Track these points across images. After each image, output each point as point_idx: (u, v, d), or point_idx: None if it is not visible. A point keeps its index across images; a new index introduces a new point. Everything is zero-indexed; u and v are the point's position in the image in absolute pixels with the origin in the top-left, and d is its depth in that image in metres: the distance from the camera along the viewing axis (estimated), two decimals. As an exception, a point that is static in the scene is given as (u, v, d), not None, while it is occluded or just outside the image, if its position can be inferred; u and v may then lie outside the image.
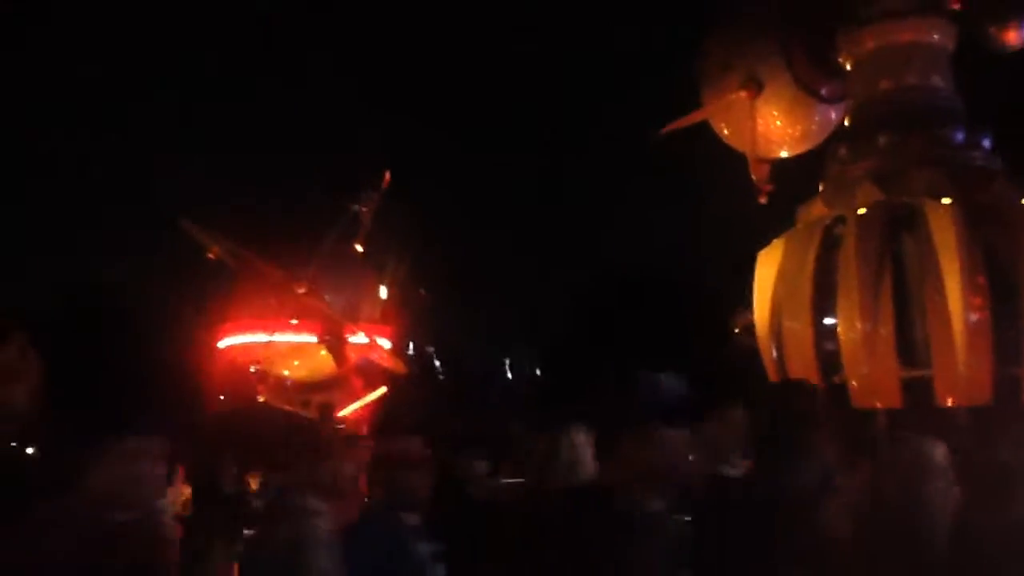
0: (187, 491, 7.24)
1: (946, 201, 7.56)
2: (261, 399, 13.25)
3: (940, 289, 7.23)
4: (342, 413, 13.34)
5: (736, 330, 9.00)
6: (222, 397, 14.44)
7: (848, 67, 8.95)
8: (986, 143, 8.27)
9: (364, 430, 13.46)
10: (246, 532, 4.71)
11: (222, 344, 14.01)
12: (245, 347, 13.93)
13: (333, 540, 3.11)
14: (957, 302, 7.14)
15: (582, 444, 4.13)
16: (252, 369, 13.65)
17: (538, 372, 26.80)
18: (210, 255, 13.36)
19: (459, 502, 4.65)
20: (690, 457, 3.75)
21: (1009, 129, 8.87)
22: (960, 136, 8.20)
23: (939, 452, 3.35)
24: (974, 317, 7.16)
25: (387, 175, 13.72)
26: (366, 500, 4.08)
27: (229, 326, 13.93)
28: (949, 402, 7.19)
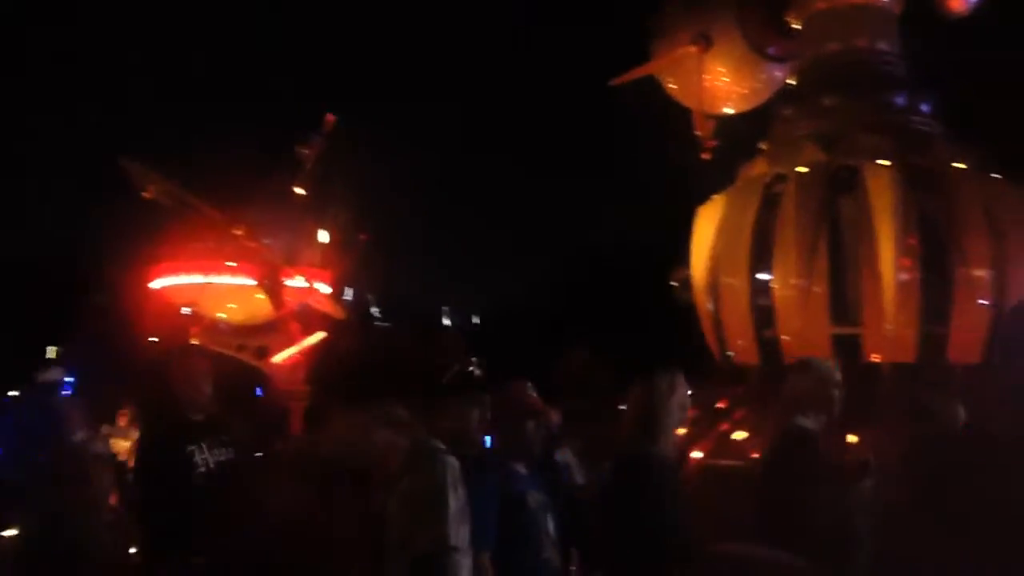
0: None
1: (885, 163, 7.68)
2: (194, 342, 13.02)
3: (873, 248, 7.37)
4: (278, 358, 13.19)
5: (674, 283, 9.08)
6: (155, 340, 14.15)
7: (797, 27, 9.00)
8: (926, 108, 8.41)
9: (300, 375, 13.33)
10: None
11: (155, 285, 13.70)
12: (180, 288, 13.63)
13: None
14: (888, 261, 7.29)
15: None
16: (186, 311, 13.38)
17: (475, 321, 26.82)
18: (146, 194, 12.99)
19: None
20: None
21: (949, 94, 9.02)
22: (903, 100, 8.34)
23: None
24: (903, 276, 7.33)
25: (330, 118, 13.45)
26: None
27: (164, 266, 13.60)
28: (876, 358, 7.37)
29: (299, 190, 13.65)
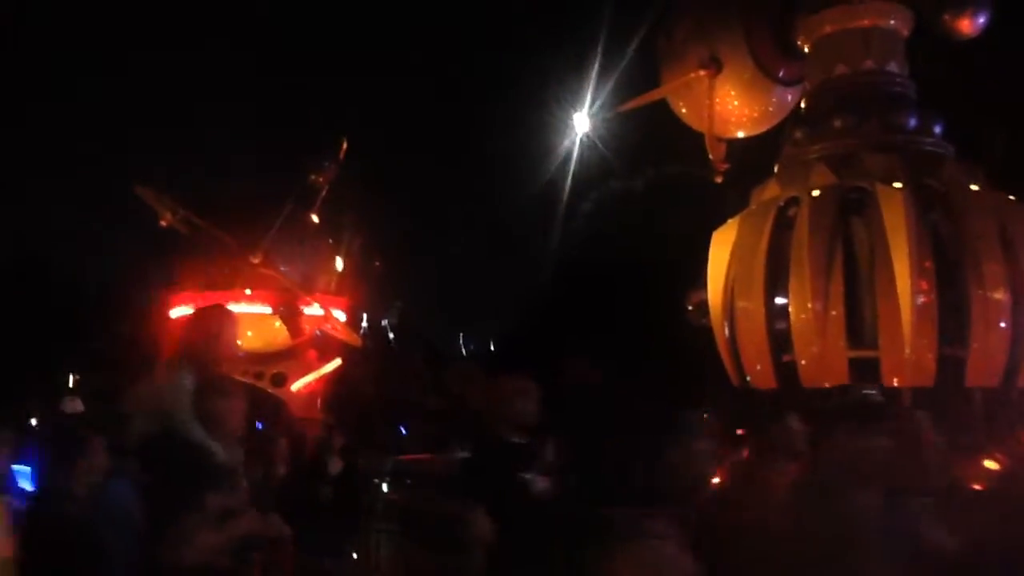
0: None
1: (898, 185, 7.69)
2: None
3: (889, 272, 7.37)
4: (296, 385, 13.26)
5: (689, 307, 9.10)
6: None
7: (806, 50, 9.04)
8: (938, 129, 8.43)
9: (317, 402, 13.41)
10: None
11: (174, 314, 13.81)
12: (198, 317, 13.66)
13: None
14: (905, 285, 7.28)
15: None
16: (204, 339, 13.43)
17: (492, 347, 26.88)
18: (163, 223, 13.11)
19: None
20: None
21: (960, 116, 9.04)
22: (913, 122, 8.34)
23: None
24: (921, 300, 7.32)
25: (344, 145, 13.57)
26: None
27: (182, 296, 13.71)
28: (895, 382, 7.35)
29: (314, 217, 13.77)
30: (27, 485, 4.98)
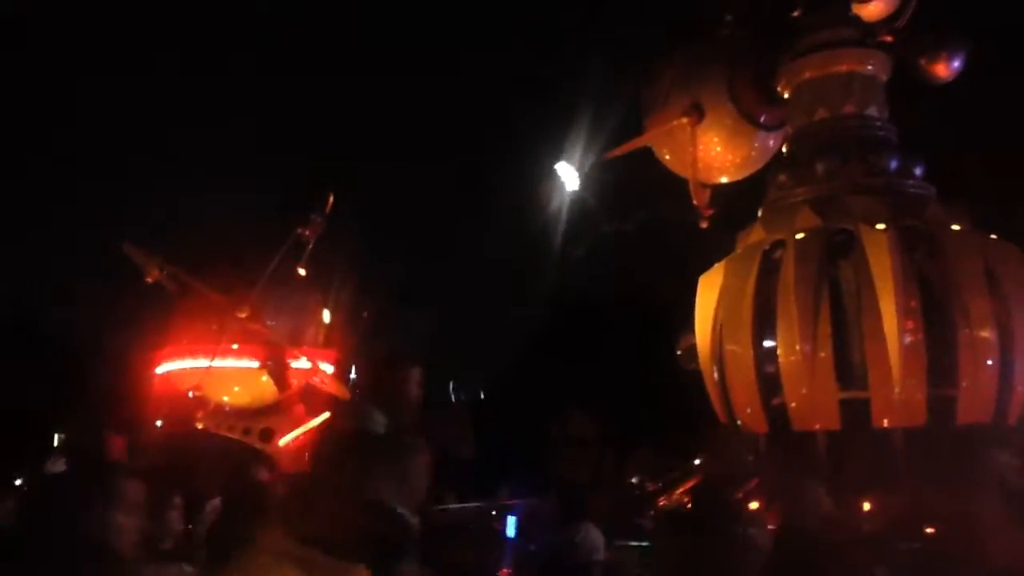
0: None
1: (881, 227, 7.76)
2: (199, 426, 12.95)
3: (876, 312, 7.40)
4: (283, 440, 13.10)
5: (679, 352, 9.09)
6: (159, 423, 14.09)
7: (787, 96, 9.17)
8: (919, 171, 8.53)
9: (306, 457, 13.23)
10: None
11: (160, 370, 13.69)
12: (184, 372, 13.62)
13: None
14: (892, 325, 7.31)
15: None
16: (191, 395, 13.34)
17: (482, 396, 26.74)
18: (148, 279, 13.05)
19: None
20: None
21: (941, 157, 9.15)
22: (895, 164, 8.45)
23: None
24: (908, 339, 7.34)
25: (330, 198, 13.60)
26: None
27: (168, 351, 13.61)
28: (885, 423, 7.34)
29: (301, 271, 13.73)
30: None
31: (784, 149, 9.27)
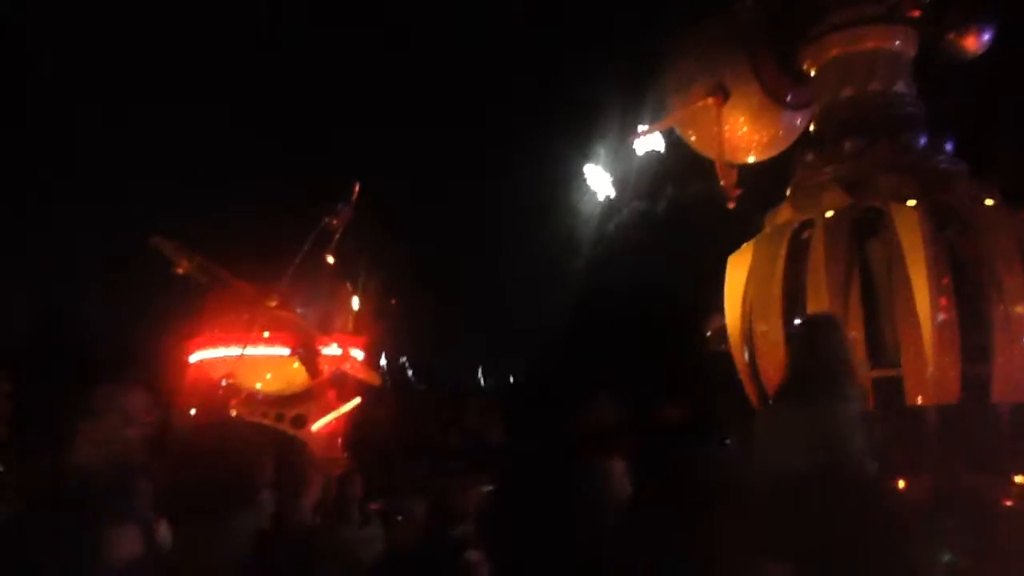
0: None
1: (911, 203, 7.69)
2: (233, 413, 13.13)
3: (908, 290, 7.35)
4: (316, 426, 13.26)
5: (708, 334, 9.09)
6: (193, 412, 14.29)
7: (813, 74, 9.10)
8: (948, 147, 8.44)
9: (338, 442, 13.39)
10: None
11: (193, 359, 13.87)
12: (216, 361, 13.80)
13: None
14: (924, 303, 7.26)
15: None
16: (223, 383, 13.52)
17: (511, 381, 26.82)
18: (179, 270, 13.23)
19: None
20: None
21: (970, 133, 9.06)
22: (923, 140, 8.37)
23: None
24: (941, 317, 7.28)
25: (357, 186, 13.67)
26: None
27: (200, 340, 13.79)
28: (919, 400, 7.31)
29: (329, 258, 13.84)
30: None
31: (811, 128, 9.20)
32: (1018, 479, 6.51)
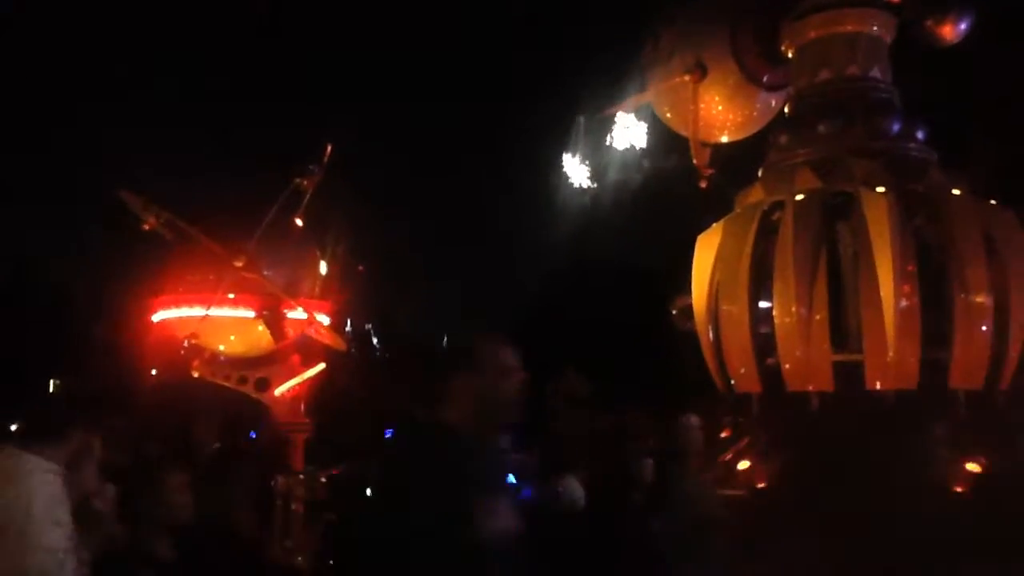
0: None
1: (881, 190, 7.74)
2: (195, 374, 12.99)
3: (873, 275, 7.41)
4: (279, 390, 13.15)
5: (674, 312, 9.11)
6: (154, 372, 14.13)
7: (790, 55, 9.09)
8: (921, 135, 8.48)
9: (301, 407, 13.30)
10: None
11: (156, 317, 13.70)
12: (180, 321, 13.62)
13: None
14: (888, 289, 7.32)
15: None
16: (186, 344, 13.35)
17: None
18: (146, 226, 12.99)
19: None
20: None
21: (943, 121, 9.10)
22: (896, 127, 8.40)
23: None
24: (904, 303, 7.36)
25: (328, 148, 13.50)
26: None
27: (164, 299, 13.59)
28: (878, 385, 7.38)
29: (298, 221, 13.68)
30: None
31: (786, 110, 9.21)
32: (969, 466, 6.61)
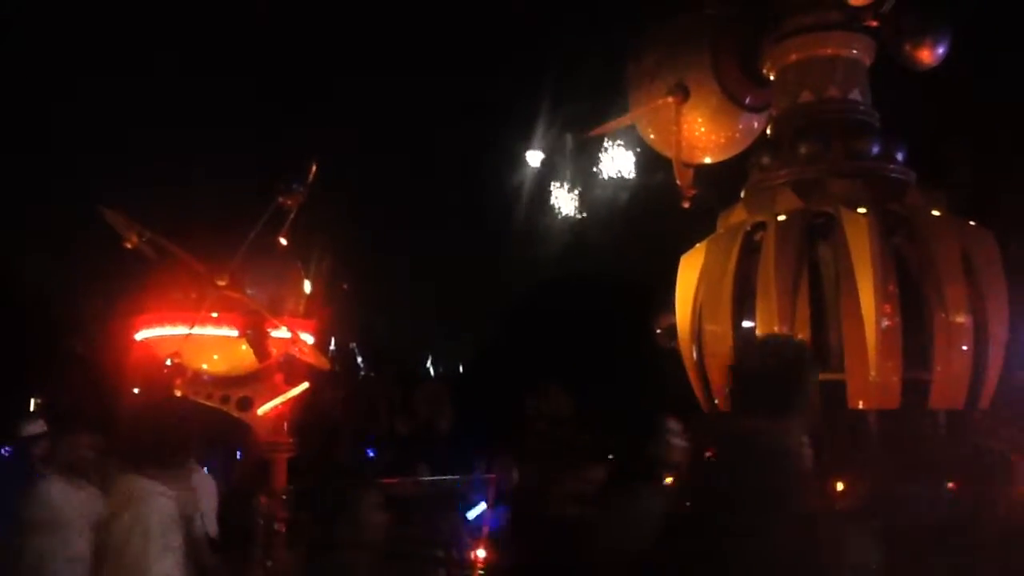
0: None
1: (862, 210, 7.82)
2: (177, 393, 12.90)
3: (854, 295, 7.48)
4: (262, 409, 13.07)
5: (658, 331, 9.16)
6: (136, 391, 14.04)
7: (772, 77, 9.19)
8: (900, 156, 8.60)
9: (284, 426, 13.23)
10: None
11: (139, 336, 13.60)
12: (163, 340, 13.53)
13: None
14: (870, 308, 7.40)
15: None
16: (169, 362, 13.26)
17: (461, 370, 26.83)
18: (128, 245, 12.91)
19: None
20: None
21: (922, 143, 9.22)
22: (876, 148, 8.51)
23: None
24: (885, 323, 7.43)
25: (313, 167, 13.49)
26: None
27: (147, 318, 13.51)
28: (860, 404, 7.44)
29: (282, 240, 13.65)
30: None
31: (768, 131, 9.30)
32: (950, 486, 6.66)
